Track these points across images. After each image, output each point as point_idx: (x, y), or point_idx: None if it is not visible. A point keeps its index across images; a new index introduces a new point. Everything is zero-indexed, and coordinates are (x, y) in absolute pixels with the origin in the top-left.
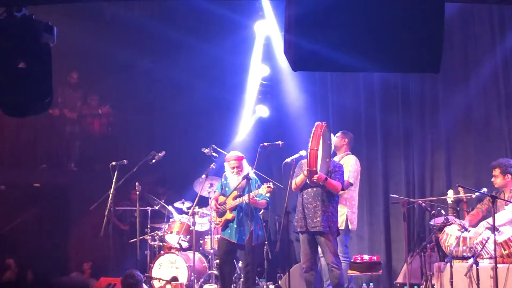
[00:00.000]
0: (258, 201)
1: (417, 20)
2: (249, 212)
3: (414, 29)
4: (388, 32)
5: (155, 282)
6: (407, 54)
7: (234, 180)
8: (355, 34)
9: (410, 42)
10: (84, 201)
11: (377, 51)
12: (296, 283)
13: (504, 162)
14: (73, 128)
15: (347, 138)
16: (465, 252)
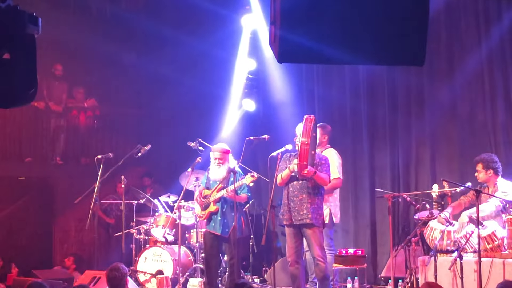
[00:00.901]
0: (237, 195)
1: (402, 13)
2: (233, 205)
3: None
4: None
5: (140, 276)
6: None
7: (215, 171)
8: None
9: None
10: (69, 195)
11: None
12: (282, 276)
13: (486, 157)
14: (59, 121)
15: (326, 135)
16: (449, 246)
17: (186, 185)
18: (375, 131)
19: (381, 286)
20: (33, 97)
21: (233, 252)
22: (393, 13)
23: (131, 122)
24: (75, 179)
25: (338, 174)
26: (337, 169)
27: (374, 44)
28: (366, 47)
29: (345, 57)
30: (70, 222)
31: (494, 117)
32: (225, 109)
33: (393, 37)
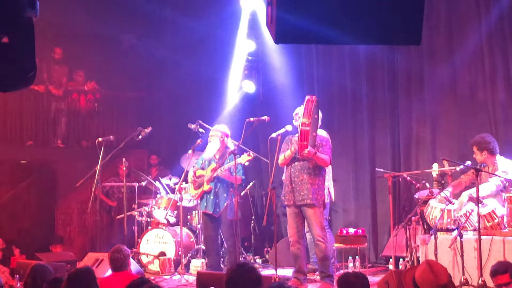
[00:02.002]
0: (231, 175)
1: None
2: (226, 186)
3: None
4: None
5: (143, 257)
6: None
7: (208, 148)
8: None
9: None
10: (71, 178)
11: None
12: (283, 257)
13: (479, 139)
14: (59, 105)
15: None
16: (449, 225)
17: (187, 167)
18: (375, 111)
19: (382, 265)
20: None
21: (228, 234)
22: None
23: (132, 105)
24: (76, 162)
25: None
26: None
27: (370, 23)
28: (362, 26)
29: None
30: (72, 205)
31: (494, 96)
32: (225, 91)
33: (389, 17)
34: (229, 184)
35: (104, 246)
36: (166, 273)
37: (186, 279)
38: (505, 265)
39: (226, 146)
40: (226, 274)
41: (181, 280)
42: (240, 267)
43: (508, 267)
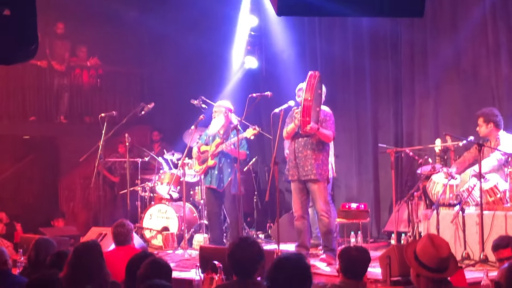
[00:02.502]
0: (234, 149)
1: None
2: (230, 161)
3: None
4: None
5: (146, 232)
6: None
7: (213, 124)
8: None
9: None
10: (74, 153)
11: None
12: (286, 232)
13: (486, 111)
14: (62, 80)
15: None
16: (451, 200)
17: (190, 142)
18: (378, 86)
19: (384, 240)
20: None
21: (231, 209)
22: None
23: (134, 81)
24: (79, 137)
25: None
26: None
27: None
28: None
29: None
30: (76, 181)
31: (497, 71)
32: (227, 67)
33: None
34: (233, 159)
35: (107, 221)
36: (169, 248)
37: (189, 254)
38: (507, 239)
39: (230, 122)
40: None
41: (184, 254)
42: (243, 241)
43: (509, 242)
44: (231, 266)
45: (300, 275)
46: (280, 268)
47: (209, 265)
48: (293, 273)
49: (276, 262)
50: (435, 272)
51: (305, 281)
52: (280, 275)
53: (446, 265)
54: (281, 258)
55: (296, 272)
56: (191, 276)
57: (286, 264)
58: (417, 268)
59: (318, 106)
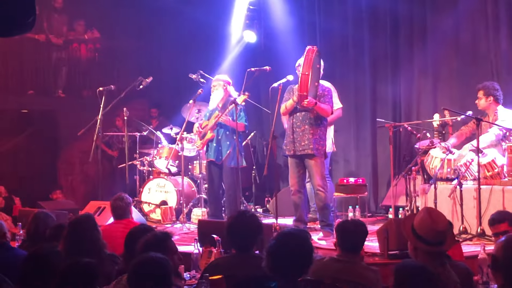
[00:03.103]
0: (232, 121)
1: None
2: (229, 133)
3: None
4: None
5: (145, 206)
6: None
7: (212, 98)
8: None
9: None
10: (72, 127)
11: None
12: (284, 206)
13: (488, 84)
14: (60, 54)
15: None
16: (449, 174)
17: (188, 117)
18: (376, 61)
19: (382, 215)
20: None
21: (229, 182)
22: None
23: (132, 55)
24: (77, 111)
25: (340, 104)
26: (336, 99)
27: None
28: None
29: None
30: (74, 155)
31: (496, 46)
32: (226, 41)
33: None
34: (232, 131)
35: (106, 195)
36: (168, 222)
37: (188, 228)
38: (503, 214)
39: (230, 95)
40: (227, 222)
41: (183, 228)
42: (241, 215)
43: (506, 217)
44: (229, 239)
45: (303, 253)
46: (284, 243)
47: (207, 239)
48: (296, 250)
49: (281, 237)
50: (432, 245)
51: (306, 260)
52: (282, 250)
53: (444, 239)
54: (286, 233)
55: (300, 250)
56: (190, 250)
57: (291, 240)
58: (415, 242)
59: (317, 81)
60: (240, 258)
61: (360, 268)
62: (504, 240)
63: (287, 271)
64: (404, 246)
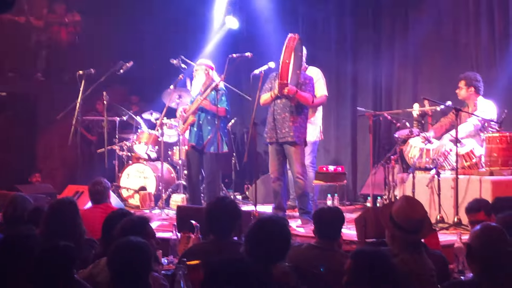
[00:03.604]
0: (212, 106)
1: None
2: (210, 118)
3: None
4: None
5: (123, 191)
6: None
7: (194, 83)
8: None
9: None
10: (51, 111)
11: None
12: (263, 193)
13: (470, 74)
14: (40, 37)
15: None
16: (427, 164)
17: (168, 102)
18: (358, 50)
19: (360, 203)
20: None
21: (209, 169)
22: None
23: (113, 39)
24: (57, 95)
25: (326, 91)
26: (324, 86)
27: None
28: None
29: None
30: (53, 138)
31: (476, 39)
32: (208, 27)
33: None
34: (213, 116)
35: (84, 180)
36: (146, 207)
37: (166, 213)
38: (480, 203)
39: (212, 79)
40: (205, 207)
41: (161, 214)
42: (220, 201)
43: (481, 205)
44: (208, 225)
45: (281, 239)
46: (263, 229)
47: (186, 225)
48: (274, 236)
49: (259, 223)
50: (409, 233)
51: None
52: (261, 236)
53: (421, 227)
54: (264, 219)
55: (278, 235)
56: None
57: (270, 226)
58: (392, 229)
59: (298, 69)
60: (218, 244)
61: (337, 255)
62: (479, 229)
63: (265, 256)
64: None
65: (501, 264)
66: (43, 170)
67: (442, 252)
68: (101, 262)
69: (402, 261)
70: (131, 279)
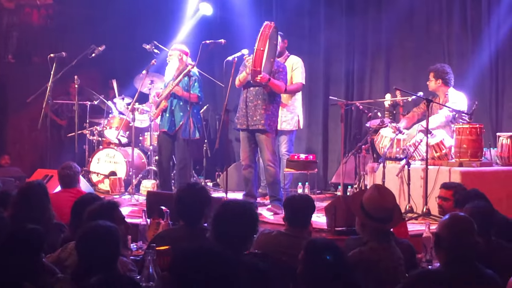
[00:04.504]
0: (184, 92)
1: None
2: (183, 104)
3: None
4: None
5: (93, 176)
6: None
7: (167, 69)
8: None
9: None
10: (22, 94)
11: None
12: (234, 181)
13: (438, 67)
14: (11, 19)
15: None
16: (398, 154)
17: (140, 87)
18: (331, 39)
19: (331, 192)
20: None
21: (180, 155)
22: None
23: (86, 22)
24: (27, 78)
25: (300, 79)
26: (302, 75)
27: None
28: None
29: None
30: (23, 122)
31: (449, 29)
32: (182, 12)
33: None
34: (186, 102)
35: (54, 164)
36: (116, 193)
37: (136, 199)
38: (454, 185)
39: (186, 64)
40: (176, 193)
41: (131, 199)
42: (191, 187)
43: (453, 186)
44: (178, 211)
45: (247, 222)
46: (228, 211)
47: (156, 210)
48: (240, 220)
49: (225, 206)
50: (379, 222)
51: (250, 229)
52: (226, 218)
53: (391, 216)
54: (230, 202)
55: (244, 218)
56: (138, 221)
57: (236, 209)
58: (362, 218)
59: (272, 57)
60: (188, 230)
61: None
62: (447, 219)
63: (231, 239)
64: (351, 223)
65: (467, 254)
66: (12, 153)
67: (410, 241)
68: (69, 246)
69: (371, 249)
70: (99, 263)
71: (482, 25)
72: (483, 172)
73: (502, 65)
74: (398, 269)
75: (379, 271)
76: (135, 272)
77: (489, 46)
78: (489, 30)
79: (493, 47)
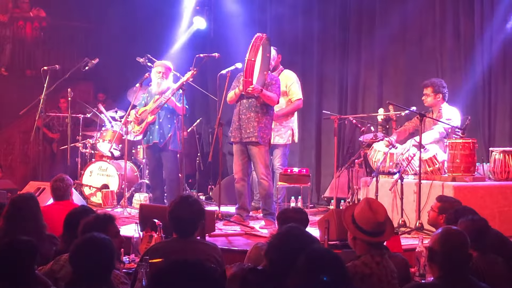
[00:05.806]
0: (176, 104)
1: None
2: (170, 116)
3: None
4: None
5: (86, 189)
6: None
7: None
8: None
9: None
10: (14, 106)
11: None
12: (227, 194)
13: (437, 81)
14: (4, 31)
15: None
16: (391, 168)
17: (134, 100)
18: (326, 52)
19: (324, 206)
20: None
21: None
22: None
23: (79, 35)
24: (20, 90)
25: (301, 95)
26: (298, 90)
27: None
28: None
29: None
30: (15, 134)
31: (442, 44)
32: (176, 26)
33: None
34: (173, 114)
35: (46, 176)
36: (109, 206)
37: (129, 212)
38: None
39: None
40: (169, 206)
41: (123, 213)
42: (184, 200)
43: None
44: (171, 224)
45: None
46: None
47: (148, 223)
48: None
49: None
50: (371, 236)
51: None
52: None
53: (383, 229)
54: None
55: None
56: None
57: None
58: (354, 231)
59: (266, 70)
60: (181, 243)
61: None
62: (440, 232)
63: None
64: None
65: (461, 267)
66: (4, 165)
67: (403, 255)
68: (62, 258)
69: (363, 263)
70: (93, 275)
71: (475, 41)
72: (476, 187)
73: (494, 80)
74: (391, 282)
75: (372, 285)
76: (127, 285)
77: (481, 61)
78: (482, 45)
79: (486, 63)
